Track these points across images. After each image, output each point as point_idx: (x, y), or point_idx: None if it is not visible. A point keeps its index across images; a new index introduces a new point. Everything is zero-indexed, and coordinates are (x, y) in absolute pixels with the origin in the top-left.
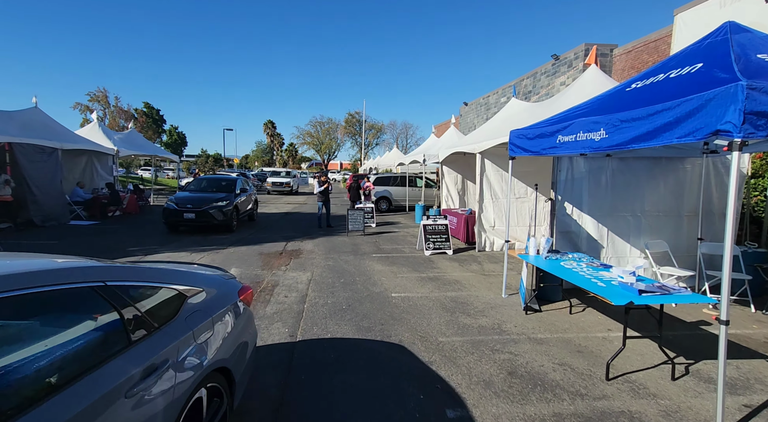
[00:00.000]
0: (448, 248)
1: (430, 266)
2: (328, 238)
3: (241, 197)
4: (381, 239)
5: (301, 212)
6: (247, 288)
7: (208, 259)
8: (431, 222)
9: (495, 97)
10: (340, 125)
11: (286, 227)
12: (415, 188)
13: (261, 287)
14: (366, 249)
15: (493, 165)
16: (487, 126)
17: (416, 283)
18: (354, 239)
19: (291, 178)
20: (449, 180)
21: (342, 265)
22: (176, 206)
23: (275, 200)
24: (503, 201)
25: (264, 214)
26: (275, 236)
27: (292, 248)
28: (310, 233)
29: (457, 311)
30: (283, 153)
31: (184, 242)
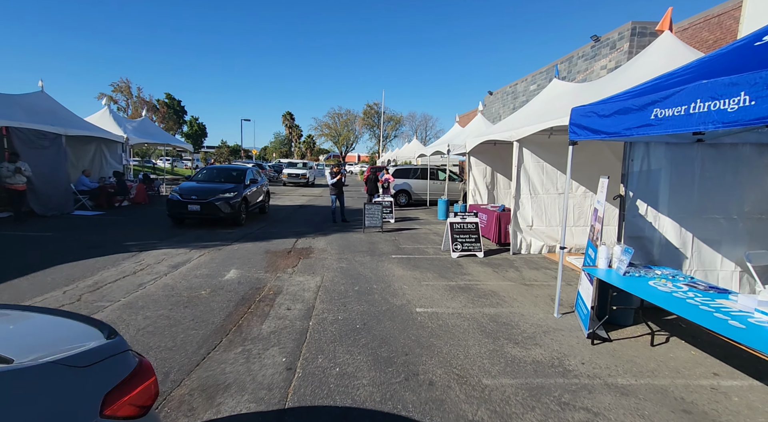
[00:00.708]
0: (479, 249)
1: (460, 272)
2: (343, 235)
3: (251, 188)
4: (401, 237)
5: (316, 205)
6: (135, 378)
7: (207, 257)
8: (459, 220)
9: (524, 85)
10: (359, 117)
11: (299, 221)
12: (437, 181)
13: (261, 294)
14: (384, 249)
15: (533, 155)
16: (524, 111)
17: (445, 294)
18: (371, 236)
19: (307, 169)
20: (477, 173)
21: (357, 268)
22: (180, 198)
23: (290, 192)
24: (544, 197)
25: (277, 206)
26: (286, 231)
27: (303, 246)
28: (323, 228)
29: (500, 336)
30: (301, 145)
31: (187, 237)
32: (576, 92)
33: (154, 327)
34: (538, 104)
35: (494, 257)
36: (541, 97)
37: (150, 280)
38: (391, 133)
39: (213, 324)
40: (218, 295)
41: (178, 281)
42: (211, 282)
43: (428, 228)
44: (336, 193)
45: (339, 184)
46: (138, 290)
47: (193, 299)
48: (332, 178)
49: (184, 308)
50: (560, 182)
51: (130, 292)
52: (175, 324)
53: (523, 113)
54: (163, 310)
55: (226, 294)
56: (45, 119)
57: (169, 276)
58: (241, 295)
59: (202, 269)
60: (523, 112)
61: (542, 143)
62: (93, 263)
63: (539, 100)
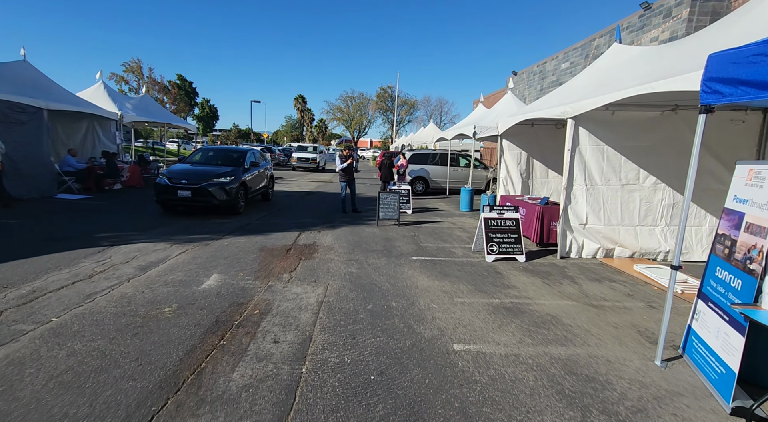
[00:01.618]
0: (520, 252)
1: (501, 283)
2: (353, 228)
3: (252, 172)
4: (421, 233)
5: (325, 192)
6: None
7: (189, 255)
8: (496, 216)
9: (554, 63)
10: (372, 100)
11: (305, 210)
12: (458, 168)
13: (243, 314)
14: (403, 248)
15: (591, 137)
16: (576, 83)
17: (488, 318)
18: (386, 230)
19: (317, 154)
20: (510, 158)
21: (370, 275)
22: (168, 182)
23: (299, 177)
24: (602, 189)
25: (283, 193)
26: (288, 222)
27: (306, 242)
28: (331, 219)
29: (589, 404)
30: (313, 129)
31: (174, 227)
32: (649, 57)
33: (74, 373)
34: (595, 74)
35: (539, 263)
36: (598, 66)
37: (105, 289)
38: (405, 117)
39: (163, 369)
40: (186, 314)
41: (141, 290)
42: (182, 293)
43: (451, 222)
44: (346, 179)
45: (350, 169)
46: (83, 305)
47: (151, 320)
48: (342, 162)
49: (132, 338)
50: (624, 170)
51: (70, 307)
52: (109, 366)
53: (574, 85)
54: (102, 340)
55: (196, 313)
56: (24, 90)
57: (131, 283)
58: (216, 315)
59: (176, 273)
60: (574, 84)
61: (603, 121)
62: (45, 262)
63: (598, 68)
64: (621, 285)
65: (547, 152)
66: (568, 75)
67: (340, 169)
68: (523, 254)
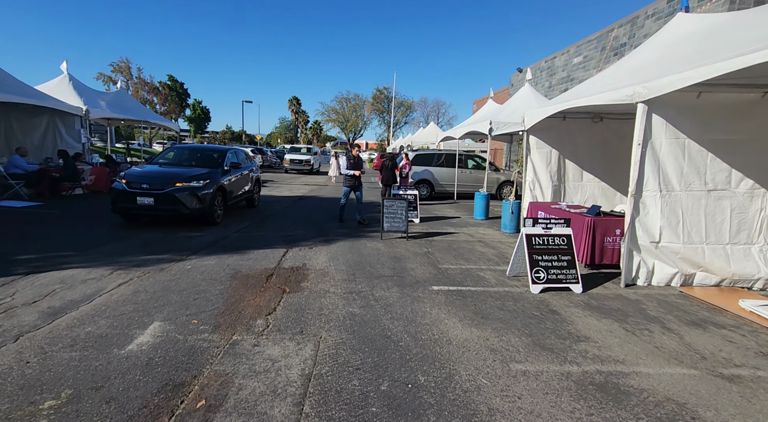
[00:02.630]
0: (574, 280)
1: (566, 331)
2: (353, 243)
3: (232, 175)
4: (435, 249)
5: (319, 196)
6: None
7: (131, 288)
8: (541, 231)
9: (564, 58)
10: (367, 102)
11: (295, 219)
12: (465, 171)
13: (174, 413)
14: (417, 272)
15: (669, 127)
16: (637, 59)
17: (579, 411)
18: (392, 245)
19: (311, 155)
20: (538, 158)
21: (380, 318)
22: (126, 187)
23: (292, 180)
24: (682, 196)
25: (272, 198)
26: (274, 235)
27: (293, 264)
28: (325, 231)
29: None
30: (308, 131)
31: (128, 244)
32: (746, 22)
33: None
34: (659, 49)
35: (600, 294)
36: (661, 39)
37: None
38: (402, 119)
39: None
40: (76, 416)
41: (27, 358)
42: (91, 364)
43: (468, 234)
44: (351, 185)
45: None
46: None
47: None
48: (349, 167)
49: None
50: (711, 170)
51: None
52: None
53: (630, 64)
54: None
55: (95, 411)
56: None
57: (18, 344)
58: (128, 415)
59: (98, 322)
60: (629, 63)
61: (685, 107)
62: None
63: (661, 43)
64: (737, 333)
65: (581, 151)
66: (581, 70)
67: (346, 174)
68: (578, 283)
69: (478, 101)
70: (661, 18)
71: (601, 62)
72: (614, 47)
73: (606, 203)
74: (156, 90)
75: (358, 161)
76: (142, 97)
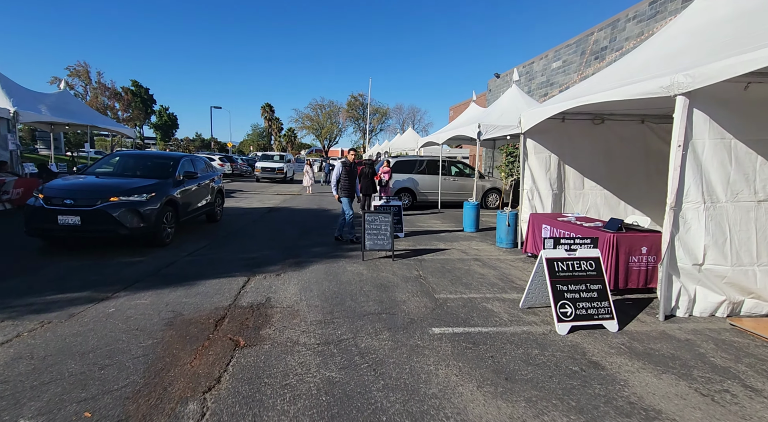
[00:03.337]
0: (608, 315)
1: (623, 399)
2: (330, 266)
3: (188, 186)
4: (427, 271)
5: (292, 208)
6: None
7: (17, 346)
8: (564, 255)
9: (543, 62)
10: (342, 108)
11: (263, 235)
12: (449, 178)
13: None
14: (411, 305)
15: (713, 125)
16: (664, 47)
17: None
18: (377, 268)
19: (285, 163)
20: (536, 164)
21: (368, 386)
22: (44, 204)
23: (263, 190)
24: (728, 207)
25: (239, 210)
26: (235, 258)
27: (254, 300)
28: (298, 251)
29: None
30: (282, 138)
31: (39, 276)
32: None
33: None
34: (680, 38)
35: (640, 333)
36: (678, 30)
37: None
38: (377, 126)
39: None
40: None
41: None
42: None
43: (460, 249)
44: (349, 196)
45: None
46: None
47: None
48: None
49: None
50: (762, 177)
51: None
52: None
53: (653, 54)
54: None
55: None
56: None
57: None
58: None
59: None
60: (645, 55)
61: (731, 101)
62: None
63: (690, 29)
64: None
65: (582, 155)
66: (560, 74)
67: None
68: (613, 318)
69: (455, 107)
70: (642, 21)
71: (581, 66)
72: (594, 51)
73: (609, 214)
74: (118, 95)
75: (353, 170)
76: (103, 102)
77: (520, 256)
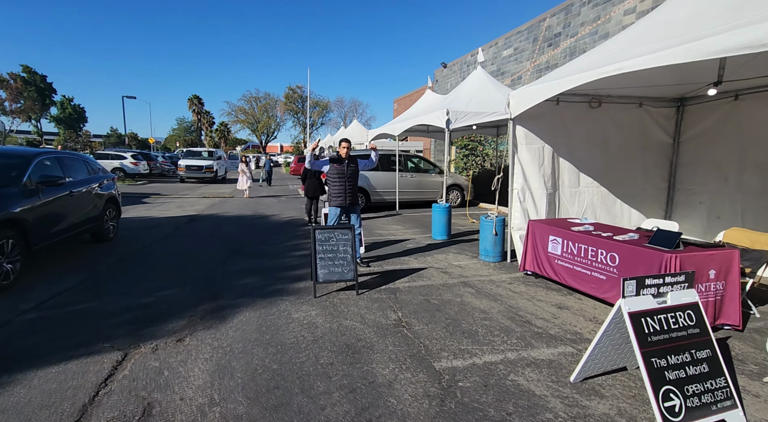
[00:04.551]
0: (727, 400)
1: None
2: (266, 315)
3: (46, 197)
4: (410, 311)
5: (220, 215)
6: None
7: None
8: (655, 305)
9: (493, 50)
10: (280, 101)
11: (171, 261)
12: (406, 175)
13: None
14: (400, 394)
15: None
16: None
17: None
18: (337, 314)
19: (215, 160)
20: (528, 157)
21: None
22: None
23: (187, 192)
24: None
25: (146, 222)
26: (114, 309)
27: (118, 414)
28: (219, 286)
29: None
30: (213, 133)
31: None
32: None
33: None
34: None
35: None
36: None
37: None
38: (318, 120)
39: None
40: None
41: None
42: None
43: (440, 268)
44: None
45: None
46: None
47: None
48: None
49: None
50: None
51: None
52: None
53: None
54: None
55: None
56: None
57: None
58: None
59: None
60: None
61: None
62: None
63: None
64: None
65: (577, 146)
66: (512, 63)
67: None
68: (737, 406)
69: (400, 99)
70: (599, 5)
71: (534, 54)
72: (547, 38)
73: (606, 216)
74: (4, 82)
75: (345, 169)
76: None
77: (516, 274)
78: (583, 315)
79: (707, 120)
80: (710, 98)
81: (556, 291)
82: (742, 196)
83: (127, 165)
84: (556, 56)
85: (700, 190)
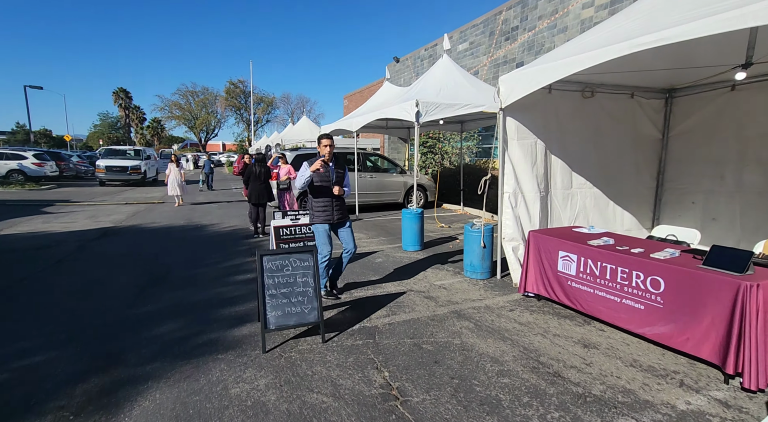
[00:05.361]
0: None
1: None
2: (188, 389)
3: None
4: (400, 370)
5: (143, 227)
6: None
7: None
8: None
9: (449, 44)
10: (220, 96)
11: (58, 301)
12: (365, 175)
13: None
14: None
15: None
16: None
17: None
18: (296, 380)
19: (142, 160)
20: (520, 154)
21: None
22: None
23: (105, 198)
24: None
25: (40, 238)
26: None
27: None
28: (123, 342)
29: None
30: (145, 131)
31: None
32: None
33: None
34: None
35: None
36: None
37: None
38: (263, 117)
39: None
40: None
41: None
42: None
43: (420, 290)
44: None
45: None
46: None
47: None
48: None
49: None
50: None
51: None
52: None
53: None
54: None
55: None
56: None
57: None
58: None
59: None
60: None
61: None
62: None
63: None
64: None
65: (570, 141)
66: (468, 57)
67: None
68: None
69: (350, 96)
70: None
71: (491, 48)
72: (504, 31)
73: (600, 219)
74: None
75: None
76: None
77: (514, 296)
78: (619, 357)
79: (700, 113)
80: (702, 89)
81: (568, 319)
82: (741, 196)
83: (27, 166)
84: (514, 51)
85: (692, 189)
